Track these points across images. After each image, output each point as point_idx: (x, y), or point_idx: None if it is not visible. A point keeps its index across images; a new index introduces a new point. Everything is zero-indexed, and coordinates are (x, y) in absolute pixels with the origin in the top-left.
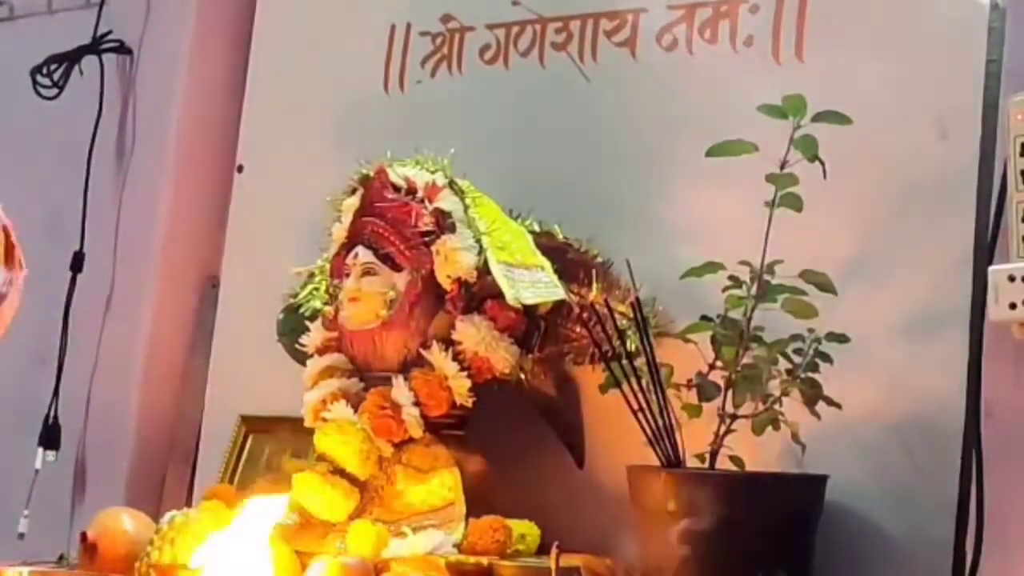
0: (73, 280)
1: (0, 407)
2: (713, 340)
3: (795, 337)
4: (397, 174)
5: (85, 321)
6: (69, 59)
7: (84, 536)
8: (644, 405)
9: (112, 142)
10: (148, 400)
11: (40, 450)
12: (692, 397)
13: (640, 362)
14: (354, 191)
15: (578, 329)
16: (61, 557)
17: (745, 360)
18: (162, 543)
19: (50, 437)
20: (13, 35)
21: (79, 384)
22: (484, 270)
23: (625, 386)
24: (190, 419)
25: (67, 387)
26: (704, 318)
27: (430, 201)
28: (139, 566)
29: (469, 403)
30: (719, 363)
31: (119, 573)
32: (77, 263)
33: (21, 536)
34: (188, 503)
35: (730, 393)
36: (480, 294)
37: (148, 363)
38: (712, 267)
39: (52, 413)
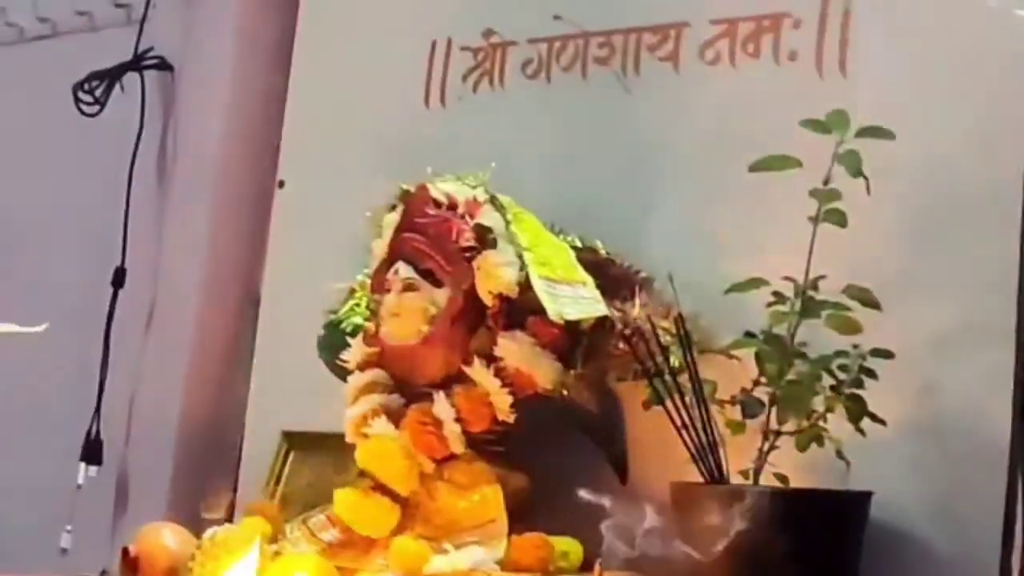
0: (114, 296)
1: (42, 422)
2: (757, 356)
3: (839, 353)
4: (438, 190)
5: (126, 337)
6: (111, 75)
7: (126, 552)
8: (688, 421)
9: (153, 158)
10: (189, 415)
11: (82, 465)
12: (736, 413)
13: (683, 378)
14: (395, 207)
15: (621, 345)
16: (103, 573)
17: (789, 376)
18: (204, 559)
19: (92, 452)
20: (55, 52)
21: (121, 399)
22: (526, 286)
23: (668, 402)
24: (231, 435)
25: (109, 402)
26: (748, 334)
27: (471, 217)
28: None
29: (511, 419)
30: (763, 379)
31: None
32: (118, 279)
33: (64, 552)
34: (230, 519)
35: (774, 410)
36: (522, 310)
37: (189, 379)
38: (756, 283)
39: (94, 428)
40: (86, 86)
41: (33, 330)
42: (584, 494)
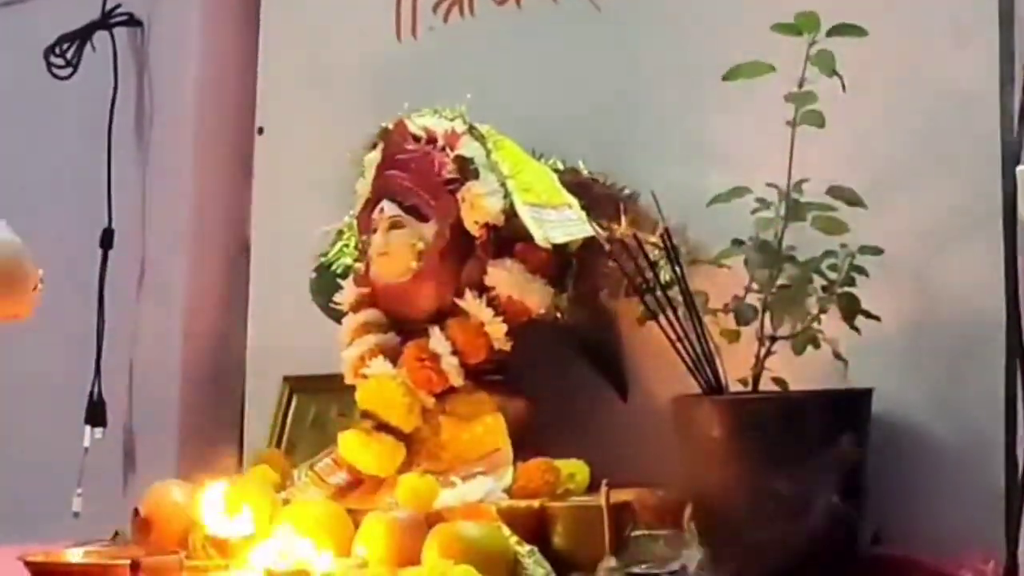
0: (104, 257)
1: (44, 388)
2: (746, 263)
3: (828, 254)
4: (416, 124)
5: (120, 296)
6: (80, 36)
7: (136, 512)
8: (682, 334)
9: (131, 116)
10: (189, 370)
11: (87, 428)
12: (730, 322)
13: (674, 292)
14: (375, 145)
15: (610, 264)
16: (116, 534)
17: (780, 281)
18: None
19: (96, 414)
20: (22, 18)
21: (120, 359)
22: (511, 213)
23: (661, 317)
24: (233, 385)
25: (108, 363)
26: (735, 242)
27: (451, 149)
28: (194, 539)
29: (507, 347)
30: (754, 286)
31: (175, 547)
32: (107, 240)
33: (76, 515)
34: (239, 470)
35: (767, 315)
36: (509, 238)
37: (186, 333)
38: (739, 191)
39: (96, 390)
40: (57, 49)
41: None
42: None
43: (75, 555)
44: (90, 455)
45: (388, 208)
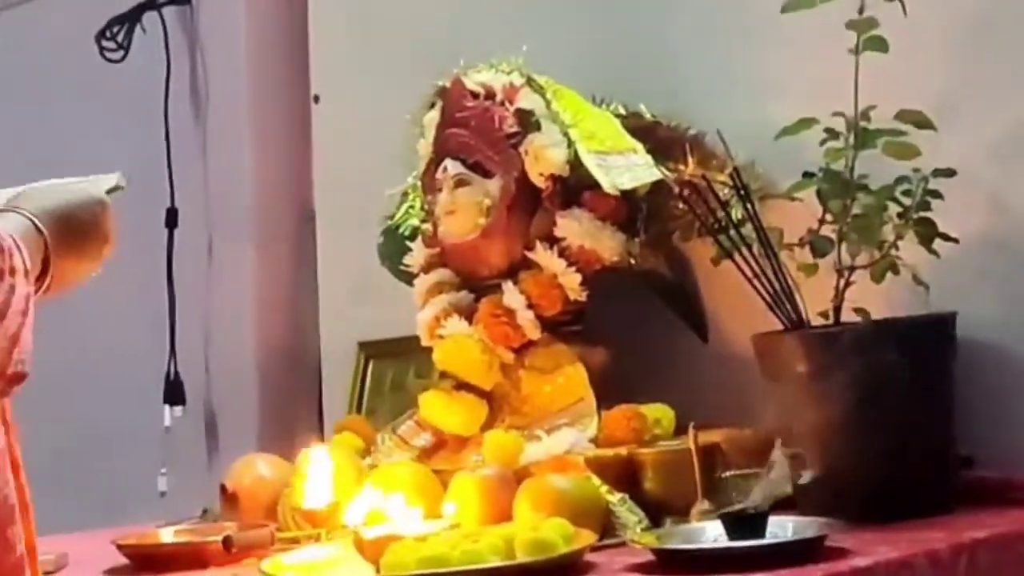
0: (171, 236)
1: (122, 371)
2: (819, 195)
3: (901, 179)
4: (473, 80)
5: (189, 275)
6: (130, 19)
7: (223, 488)
8: (759, 271)
9: (186, 94)
10: (264, 342)
11: (167, 407)
12: (806, 256)
13: (748, 229)
14: (433, 105)
15: (680, 206)
16: (205, 511)
17: (854, 210)
18: (301, 484)
19: (174, 393)
20: (73, 4)
21: (194, 337)
22: (576, 163)
23: (736, 255)
24: (309, 355)
25: (183, 342)
26: (806, 174)
27: (510, 103)
28: (281, 509)
29: (582, 297)
30: (828, 217)
31: (264, 520)
32: (171, 219)
33: (163, 495)
34: (321, 439)
35: (844, 246)
36: (576, 187)
37: (258, 306)
38: (806, 123)
39: (172, 369)
40: (107, 33)
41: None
42: None
43: (167, 535)
44: (171, 434)
45: (451, 167)
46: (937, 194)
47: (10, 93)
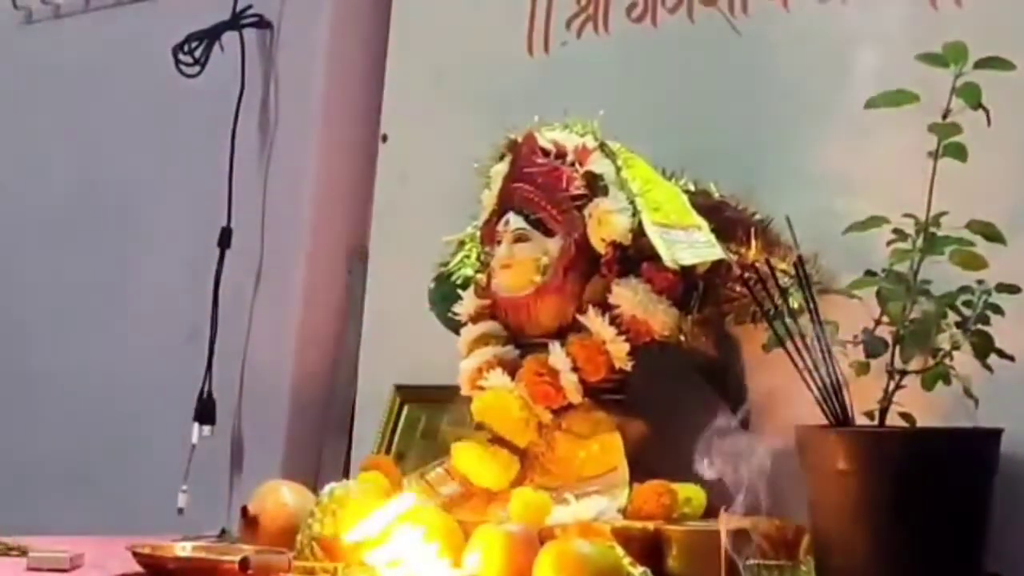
0: (222, 256)
1: (155, 383)
2: (879, 295)
3: (964, 289)
4: (546, 138)
5: (235, 296)
6: (209, 36)
7: (245, 510)
8: (810, 364)
9: (255, 117)
10: (301, 372)
11: (196, 425)
12: (859, 354)
13: (803, 320)
14: (503, 157)
15: (738, 288)
16: (223, 532)
17: (913, 314)
18: (323, 516)
19: (205, 412)
20: (154, 14)
21: (232, 358)
22: (639, 232)
23: (789, 345)
24: (344, 390)
25: (220, 362)
26: (869, 273)
27: (581, 164)
28: (301, 539)
29: (628, 367)
30: (885, 318)
31: (281, 546)
32: (225, 239)
33: (180, 511)
34: (345, 475)
35: (898, 349)
36: (635, 257)
37: (300, 335)
38: (876, 221)
39: (207, 388)
40: (185, 47)
41: None
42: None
43: (184, 549)
44: (197, 452)
45: (513, 220)
46: (998, 309)
47: (84, 95)
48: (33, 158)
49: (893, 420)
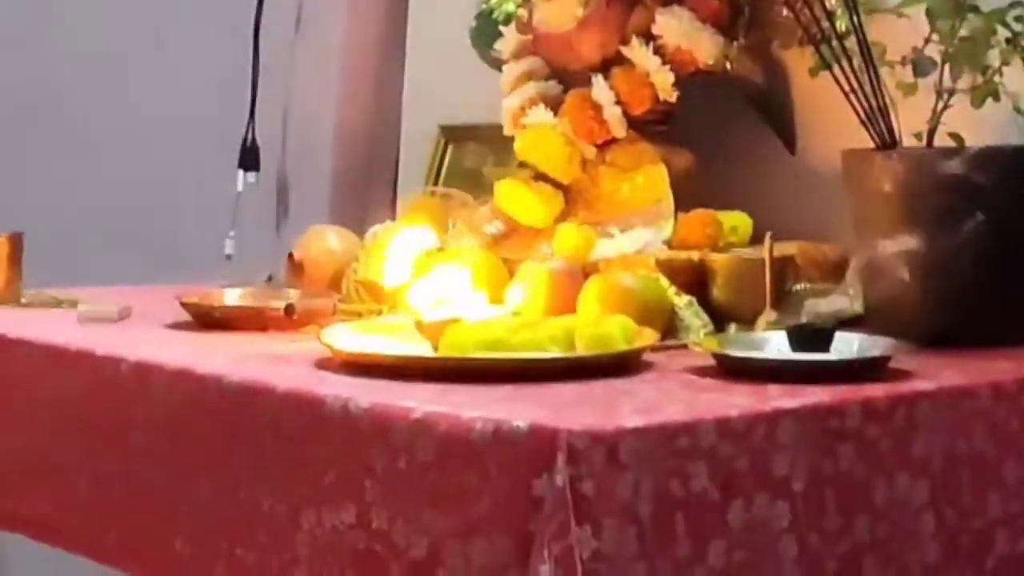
0: (260, 1)
1: (197, 131)
2: (928, 13)
3: (1015, 4)
4: None
5: (275, 42)
6: None
7: (291, 256)
8: (856, 85)
9: None
10: (345, 116)
11: (240, 172)
12: (907, 74)
13: (850, 42)
14: None
15: (784, 12)
16: (270, 277)
17: (962, 32)
18: (368, 259)
19: (249, 159)
20: None
21: (274, 104)
22: None
23: (836, 67)
24: (389, 132)
25: (262, 108)
26: None
27: None
28: (346, 283)
29: (673, 98)
30: (935, 37)
31: (327, 291)
32: None
33: (228, 258)
34: (392, 217)
35: (947, 67)
36: None
37: (342, 78)
38: None
39: (250, 135)
40: None
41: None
42: None
43: (231, 297)
44: (243, 200)
45: None
46: None
47: None
48: None
49: (941, 140)
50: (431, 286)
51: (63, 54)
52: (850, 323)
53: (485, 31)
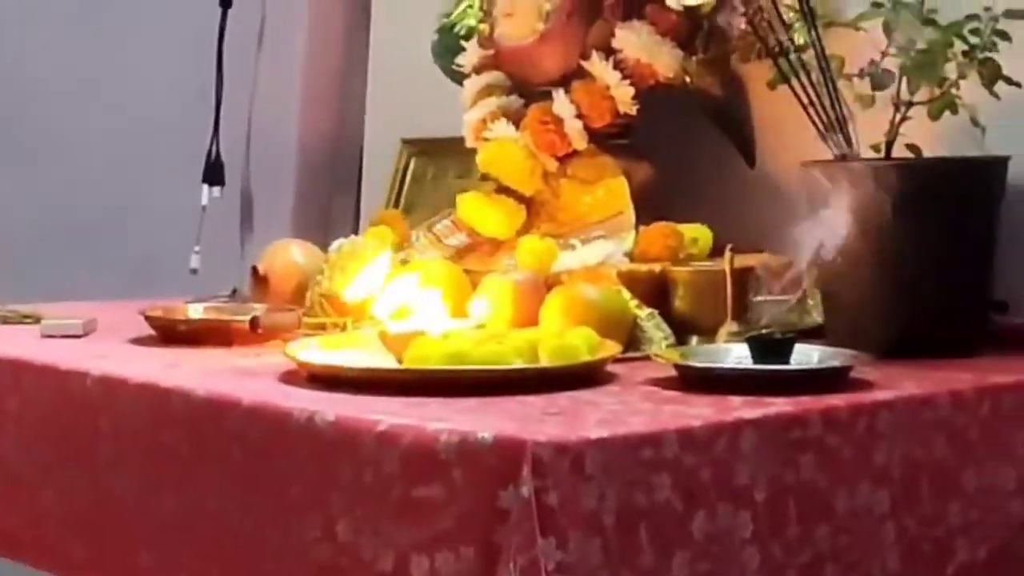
0: (224, 16)
1: (162, 146)
2: (885, 26)
3: (971, 17)
4: None
5: (239, 56)
6: None
7: (255, 270)
8: (815, 98)
9: None
10: (308, 130)
11: (205, 187)
12: (865, 87)
13: (809, 55)
14: None
15: (743, 26)
16: (234, 291)
17: (919, 45)
18: (332, 272)
19: (214, 173)
20: None
21: (238, 119)
22: None
23: (794, 81)
24: (351, 146)
25: (227, 123)
26: (875, 4)
27: None
28: (311, 296)
29: (633, 111)
30: (892, 50)
31: (291, 304)
32: None
33: (194, 272)
34: (355, 231)
35: (904, 80)
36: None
37: (305, 93)
38: None
39: (214, 149)
40: None
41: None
42: None
43: (195, 311)
44: (208, 214)
45: None
46: (1005, 35)
47: None
48: None
49: (900, 152)
50: (395, 299)
51: (26, 68)
52: (810, 334)
53: (447, 45)
